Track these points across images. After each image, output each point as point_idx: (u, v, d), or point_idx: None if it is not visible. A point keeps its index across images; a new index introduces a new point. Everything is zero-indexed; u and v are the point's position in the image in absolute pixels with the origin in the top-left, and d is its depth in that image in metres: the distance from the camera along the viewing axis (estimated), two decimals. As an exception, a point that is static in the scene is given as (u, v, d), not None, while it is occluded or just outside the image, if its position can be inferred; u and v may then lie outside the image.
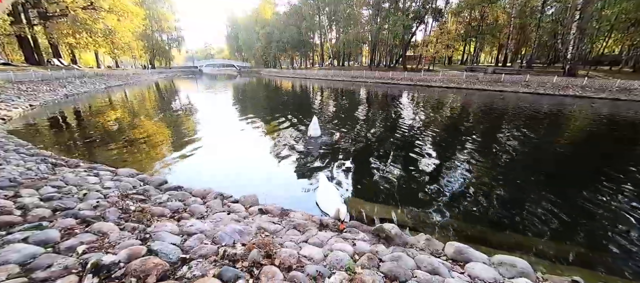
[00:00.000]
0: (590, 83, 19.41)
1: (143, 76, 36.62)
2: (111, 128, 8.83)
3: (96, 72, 27.51)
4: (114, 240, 2.11)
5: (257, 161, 5.93)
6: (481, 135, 8.32)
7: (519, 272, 2.43)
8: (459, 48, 40.80)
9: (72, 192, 3.16)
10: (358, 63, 53.75)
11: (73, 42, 26.00)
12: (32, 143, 6.00)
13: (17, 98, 11.87)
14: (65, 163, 4.63)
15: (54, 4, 21.97)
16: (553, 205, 4.03)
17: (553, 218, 3.72)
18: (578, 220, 3.74)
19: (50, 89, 15.51)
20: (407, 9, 35.52)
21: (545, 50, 33.67)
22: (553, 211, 3.87)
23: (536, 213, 3.85)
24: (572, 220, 3.71)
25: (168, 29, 54.50)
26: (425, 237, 2.88)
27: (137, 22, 30.90)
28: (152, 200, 3.24)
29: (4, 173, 3.48)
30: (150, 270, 1.75)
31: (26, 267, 1.69)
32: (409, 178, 4.99)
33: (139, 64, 52.76)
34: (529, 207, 4.01)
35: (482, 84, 23.98)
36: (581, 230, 3.57)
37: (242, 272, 1.87)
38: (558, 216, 3.77)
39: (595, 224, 3.70)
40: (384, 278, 2.07)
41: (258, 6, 63.98)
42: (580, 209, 4.00)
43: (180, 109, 13.16)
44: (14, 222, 2.26)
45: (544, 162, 6.19)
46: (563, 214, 3.80)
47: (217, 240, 2.31)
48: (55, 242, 2.02)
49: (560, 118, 11.67)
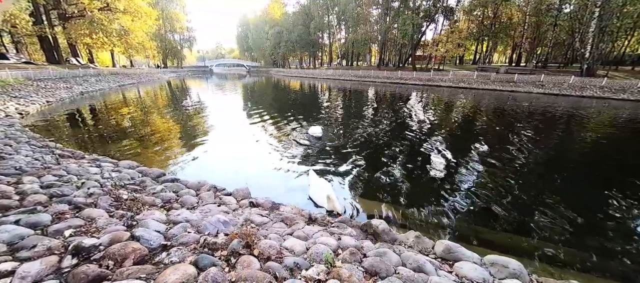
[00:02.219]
0: (610, 83, 18.50)
1: (155, 75, 37.70)
2: (121, 123, 9.13)
3: (111, 71, 28.54)
4: (100, 225, 2.17)
5: (257, 158, 5.98)
6: (484, 136, 8.08)
7: (511, 273, 2.34)
8: (470, 47, 39.79)
9: (72, 181, 3.27)
10: (366, 63, 53.34)
11: (90, 42, 27.09)
12: (43, 136, 6.28)
13: (35, 94, 12.47)
14: (71, 155, 4.81)
15: (73, 5, 22.99)
16: (555, 209, 3.86)
17: (554, 222, 3.57)
18: (581, 226, 3.56)
19: (66, 87, 16.20)
20: (417, 7, 34.93)
21: (563, 49, 32.27)
22: (555, 215, 3.71)
23: (536, 216, 3.70)
24: (574, 225, 3.53)
25: (180, 30, 55.87)
26: (415, 235, 2.82)
27: (151, 22, 31.91)
28: (147, 191, 3.32)
29: (11, 162, 3.65)
30: (129, 254, 1.79)
31: (13, 247, 1.76)
32: (405, 177, 4.91)
33: (152, 63, 54.33)
34: (530, 211, 3.85)
35: (493, 84, 23.30)
36: (583, 236, 3.40)
37: (219, 261, 1.88)
38: (560, 220, 3.61)
39: (600, 231, 3.51)
40: (365, 274, 2.04)
41: (267, 6, 64.61)
42: (585, 215, 3.81)
43: (189, 107, 13.46)
44: (11, 206, 2.37)
45: (548, 164, 5.95)
46: (565, 219, 3.63)
47: (201, 229, 2.34)
48: (45, 225, 2.10)
49: (572, 119, 11.18)
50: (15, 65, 19.44)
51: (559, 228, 3.43)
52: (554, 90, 19.72)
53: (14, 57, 24.43)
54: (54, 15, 24.74)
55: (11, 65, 18.35)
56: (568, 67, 28.27)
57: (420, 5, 35.01)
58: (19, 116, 8.99)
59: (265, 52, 68.22)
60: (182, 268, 1.68)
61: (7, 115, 8.54)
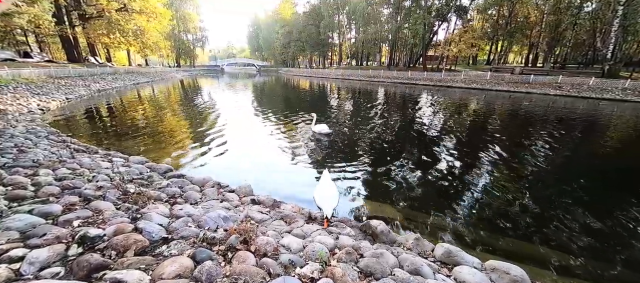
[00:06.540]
0: (634, 85, 17.56)
1: (169, 74, 38.78)
2: (135, 120, 9.46)
3: (127, 70, 29.59)
4: (107, 217, 2.27)
5: (263, 155, 6.06)
6: (493, 139, 7.84)
7: (513, 279, 2.28)
8: (484, 47, 38.72)
9: (84, 174, 3.43)
10: (377, 62, 52.87)
11: (108, 42, 28.19)
12: (61, 132, 6.59)
13: (56, 92, 13.10)
14: (86, 149, 5.04)
15: (92, 6, 23.97)
16: (565, 217, 3.71)
17: (563, 230, 3.42)
18: (592, 235, 3.40)
19: (85, 84, 16.93)
20: (429, 6, 34.31)
21: (582, 49, 30.88)
22: (564, 223, 3.56)
23: (545, 224, 3.57)
24: (584, 234, 3.38)
25: (193, 29, 57.20)
26: (415, 237, 2.79)
27: (165, 22, 32.87)
28: (153, 186, 3.43)
29: (30, 155, 3.87)
30: (131, 245, 1.86)
31: (25, 234, 1.87)
32: (409, 179, 4.84)
33: (166, 62, 55.90)
34: (538, 218, 3.72)
35: (507, 86, 22.59)
36: (593, 245, 3.25)
37: (216, 255, 1.93)
38: (569, 229, 3.46)
39: (611, 241, 3.35)
40: (359, 274, 2.04)
41: (278, 6, 65.14)
42: (596, 224, 3.64)
43: (200, 105, 13.78)
44: (26, 196, 2.51)
45: (560, 169, 5.72)
46: (575, 227, 3.49)
47: (202, 224, 2.40)
48: (56, 215, 2.21)
49: (590, 123, 10.69)
50: (39, 63, 20.48)
51: (568, 236, 3.30)
52: (572, 92, 18.90)
53: (38, 56, 25.75)
54: (74, 16, 25.89)
55: (35, 64, 19.35)
56: (588, 68, 27.01)
57: (432, 4, 34.37)
58: (40, 112, 9.48)
59: (275, 52, 68.82)
60: (180, 260, 1.74)
61: (29, 111, 9.02)
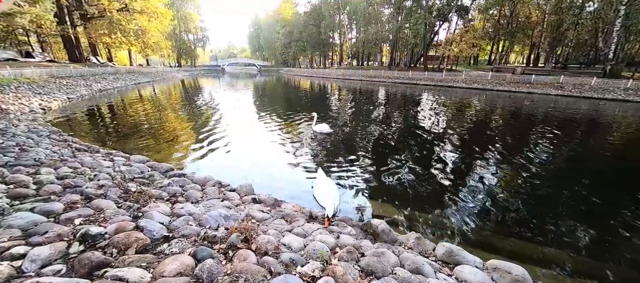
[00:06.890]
0: (636, 85, 17.48)
1: (170, 74, 38.84)
2: (136, 120, 9.48)
3: (128, 70, 29.65)
4: (108, 215, 2.27)
5: (264, 155, 6.06)
6: (494, 139, 7.83)
7: (514, 279, 2.27)
8: (485, 47, 38.62)
9: (85, 173, 3.44)
10: (377, 62, 52.81)
11: (109, 41, 28.25)
12: (62, 131, 6.61)
13: (57, 91, 13.13)
14: (87, 149, 5.05)
15: (94, 6, 24.04)
16: (567, 217, 3.70)
17: (566, 230, 3.41)
18: (594, 236, 3.39)
19: (86, 84, 16.96)
20: (430, 6, 34.24)
21: (584, 49, 30.77)
22: (567, 223, 3.55)
23: (547, 224, 3.56)
24: (587, 235, 3.37)
25: (194, 30, 57.23)
26: (416, 236, 2.78)
27: (166, 22, 32.92)
28: (154, 184, 3.44)
29: (31, 154, 3.88)
30: (132, 243, 1.86)
31: (26, 232, 1.88)
32: (411, 179, 4.83)
33: (167, 62, 55.99)
34: (540, 218, 3.71)
35: (509, 86, 22.52)
36: (596, 246, 3.23)
37: (217, 253, 1.93)
38: (571, 229, 3.45)
39: (614, 241, 3.33)
40: (361, 273, 2.03)
41: (279, 6, 65.14)
42: (599, 225, 3.63)
43: (201, 105, 13.80)
44: (28, 194, 2.52)
45: (562, 169, 5.70)
46: (577, 227, 3.47)
47: (203, 222, 2.40)
48: (58, 213, 2.22)
49: (592, 123, 10.65)
50: (40, 63, 20.55)
51: (570, 236, 3.29)
52: (574, 92, 18.84)
53: (40, 55, 25.83)
54: (76, 15, 25.96)
55: (36, 64, 19.42)
56: (590, 68, 26.90)
57: (433, 4, 34.29)
58: (42, 111, 9.50)
59: (276, 52, 68.83)
60: (181, 258, 1.74)
61: (31, 111, 9.05)
